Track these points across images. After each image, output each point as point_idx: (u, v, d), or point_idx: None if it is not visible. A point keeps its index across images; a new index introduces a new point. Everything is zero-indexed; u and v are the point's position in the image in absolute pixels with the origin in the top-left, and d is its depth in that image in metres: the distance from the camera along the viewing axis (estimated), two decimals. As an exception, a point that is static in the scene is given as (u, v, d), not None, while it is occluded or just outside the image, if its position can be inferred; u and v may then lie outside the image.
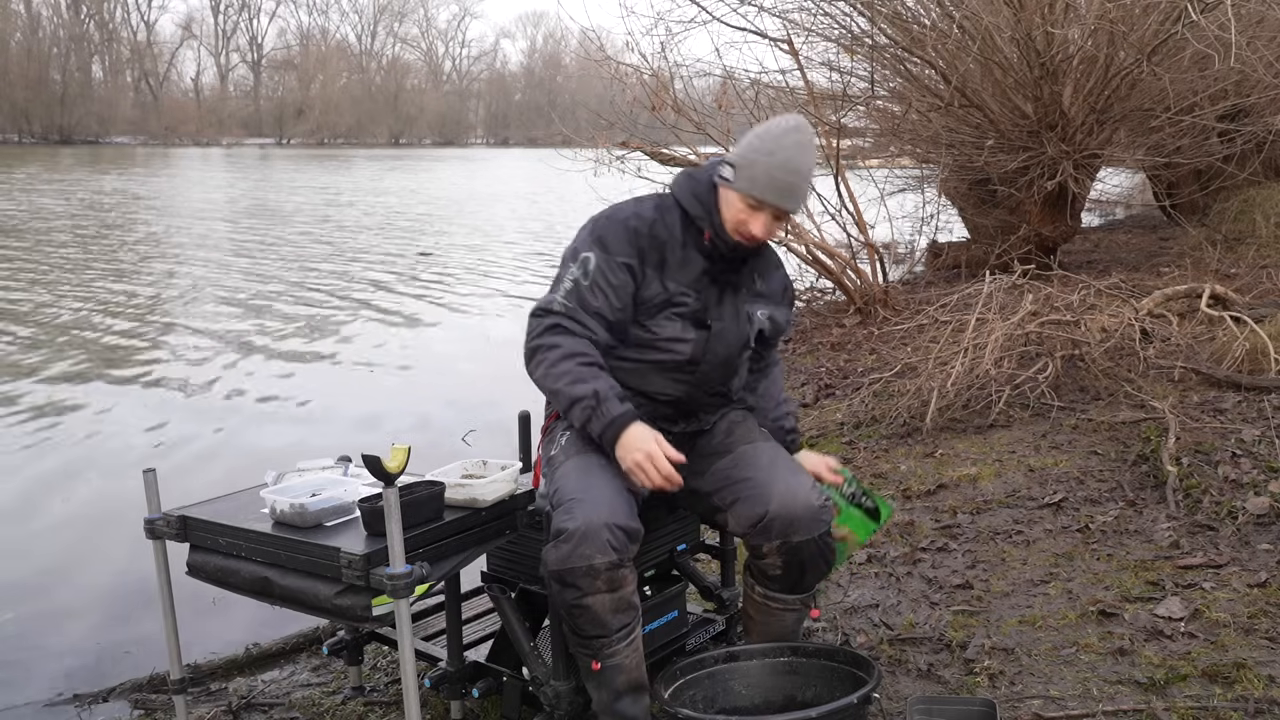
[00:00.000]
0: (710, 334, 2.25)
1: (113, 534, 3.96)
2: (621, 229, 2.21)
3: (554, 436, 2.27)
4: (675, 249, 2.22)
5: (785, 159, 2.14)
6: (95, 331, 8.04)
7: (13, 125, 62.08)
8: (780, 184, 2.14)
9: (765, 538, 2.13)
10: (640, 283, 2.19)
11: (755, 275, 2.35)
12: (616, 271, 2.17)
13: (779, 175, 2.13)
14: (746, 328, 2.31)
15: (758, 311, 2.33)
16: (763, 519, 2.11)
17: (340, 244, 14.57)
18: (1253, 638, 2.54)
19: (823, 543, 2.14)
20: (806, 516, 2.10)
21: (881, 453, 4.30)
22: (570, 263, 2.20)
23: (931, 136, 8.01)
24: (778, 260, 2.45)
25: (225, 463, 4.87)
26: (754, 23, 7.88)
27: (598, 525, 1.96)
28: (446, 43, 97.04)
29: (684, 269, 2.22)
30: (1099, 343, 4.72)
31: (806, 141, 2.19)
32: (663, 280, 2.20)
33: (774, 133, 2.17)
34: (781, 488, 2.12)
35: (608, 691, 2.09)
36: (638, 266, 2.19)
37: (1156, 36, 6.36)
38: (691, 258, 2.23)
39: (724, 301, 2.27)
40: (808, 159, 2.19)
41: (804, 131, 2.19)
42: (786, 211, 2.21)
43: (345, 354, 7.44)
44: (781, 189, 2.14)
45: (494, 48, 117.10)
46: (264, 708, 2.70)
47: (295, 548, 1.95)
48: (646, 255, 2.20)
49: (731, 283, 2.29)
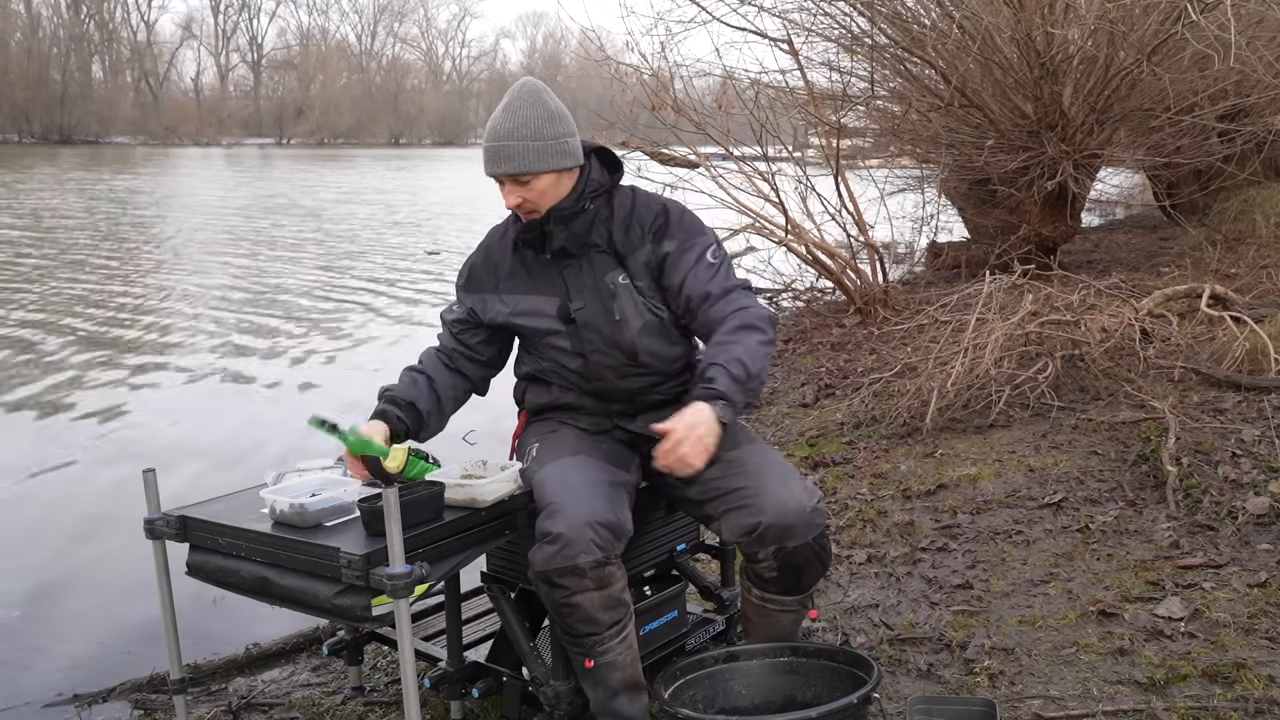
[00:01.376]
0: (579, 326, 2.24)
1: (112, 534, 3.95)
2: (465, 271, 2.39)
3: (523, 451, 2.31)
4: (505, 261, 2.32)
5: (489, 129, 2.18)
6: (98, 328, 8.04)
7: (13, 125, 62.11)
8: (487, 152, 2.16)
9: (760, 545, 2.11)
10: (481, 310, 2.33)
11: (609, 234, 2.24)
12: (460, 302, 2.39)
13: (487, 146, 2.17)
14: (610, 303, 2.22)
15: (619, 278, 2.22)
16: (756, 529, 2.09)
17: (349, 241, 14.59)
18: (1253, 638, 2.54)
19: (818, 545, 2.13)
20: (800, 522, 2.08)
21: (881, 453, 4.30)
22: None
23: (931, 136, 8.01)
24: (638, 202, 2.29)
25: (225, 462, 4.87)
26: (754, 23, 7.86)
27: (580, 525, 1.97)
28: (446, 43, 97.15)
29: (513, 277, 2.30)
30: (1099, 343, 4.72)
31: (508, 105, 2.16)
32: (499, 294, 2.31)
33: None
34: (772, 496, 2.09)
35: (604, 690, 2.09)
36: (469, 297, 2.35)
37: (1156, 36, 6.35)
38: (517, 260, 2.30)
39: (581, 285, 2.24)
40: (507, 119, 2.14)
41: (508, 97, 2.19)
42: (509, 175, 2.15)
43: (351, 354, 7.46)
44: (490, 155, 2.16)
45: (494, 48, 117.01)
46: (264, 708, 2.70)
47: (295, 548, 1.95)
48: (484, 282, 2.34)
49: (572, 258, 2.24)
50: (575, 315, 2.23)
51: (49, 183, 27.14)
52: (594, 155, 2.26)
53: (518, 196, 2.17)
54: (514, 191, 2.17)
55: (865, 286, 7.14)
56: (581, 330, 2.23)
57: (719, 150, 7.57)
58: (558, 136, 2.16)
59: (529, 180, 2.16)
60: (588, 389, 2.29)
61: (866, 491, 3.87)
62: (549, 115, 2.16)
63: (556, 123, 2.16)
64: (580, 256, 2.24)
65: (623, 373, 2.25)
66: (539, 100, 2.16)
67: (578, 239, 2.22)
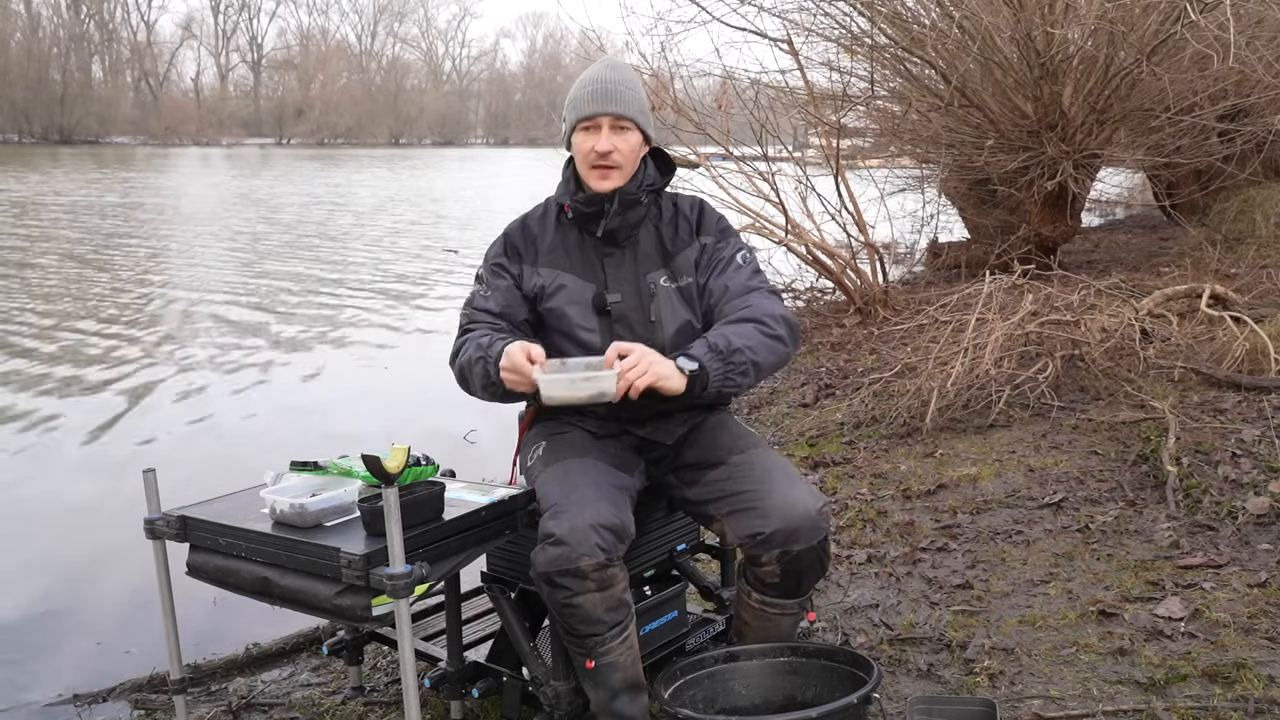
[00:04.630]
0: (612, 319, 2.22)
1: (112, 534, 3.95)
2: (501, 241, 2.35)
3: (529, 449, 2.30)
4: (546, 236, 2.30)
5: (589, 76, 2.24)
6: (100, 327, 8.04)
7: (13, 125, 62.16)
8: (593, 93, 2.19)
9: (765, 548, 2.10)
10: (520, 279, 2.28)
11: (658, 233, 2.28)
12: (498, 273, 2.30)
13: (589, 88, 2.21)
14: (649, 303, 2.23)
15: (660, 279, 2.24)
16: (762, 532, 2.08)
17: (361, 240, 14.60)
18: (1253, 638, 2.54)
19: (821, 549, 2.12)
20: (806, 526, 2.07)
21: (881, 453, 4.30)
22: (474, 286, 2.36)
23: (931, 136, 8.01)
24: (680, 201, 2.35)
25: (225, 462, 4.87)
26: (754, 23, 7.85)
27: (583, 528, 1.96)
28: (446, 43, 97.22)
29: (553, 252, 2.27)
30: (1099, 343, 4.72)
31: (609, 62, 2.28)
32: (536, 267, 2.28)
33: (580, 77, 2.28)
34: (779, 500, 2.08)
35: (604, 690, 2.09)
36: (511, 265, 2.30)
37: (1156, 36, 6.35)
38: (559, 237, 2.28)
39: (621, 278, 2.24)
40: (613, 72, 2.23)
41: (607, 60, 2.29)
42: (615, 116, 2.18)
43: (364, 352, 7.50)
44: (597, 95, 2.18)
45: (494, 48, 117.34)
46: (264, 708, 2.70)
47: (295, 548, 1.95)
48: (523, 253, 2.31)
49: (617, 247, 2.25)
50: (611, 307, 2.22)
51: (78, 181, 27.15)
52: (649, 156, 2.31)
53: (610, 144, 2.17)
54: (610, 138, 2.17)
55: (865, 286, 7.14)
56: (615, 325, 2.22)
57: (719, 150, 7.56)
58: (648, 108, 2.26)
59: (629, 129, 2.20)
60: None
61: (866, 491, 3.87)
62: (642, 87, 2.26)
63: (645, 98, 2.26)
64: (625, 247, 2.26)
65: None
66: (634, 72, 2.28)
67: (629, 229, 2.25)
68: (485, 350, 2.14)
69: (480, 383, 2.17)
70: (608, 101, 2.17)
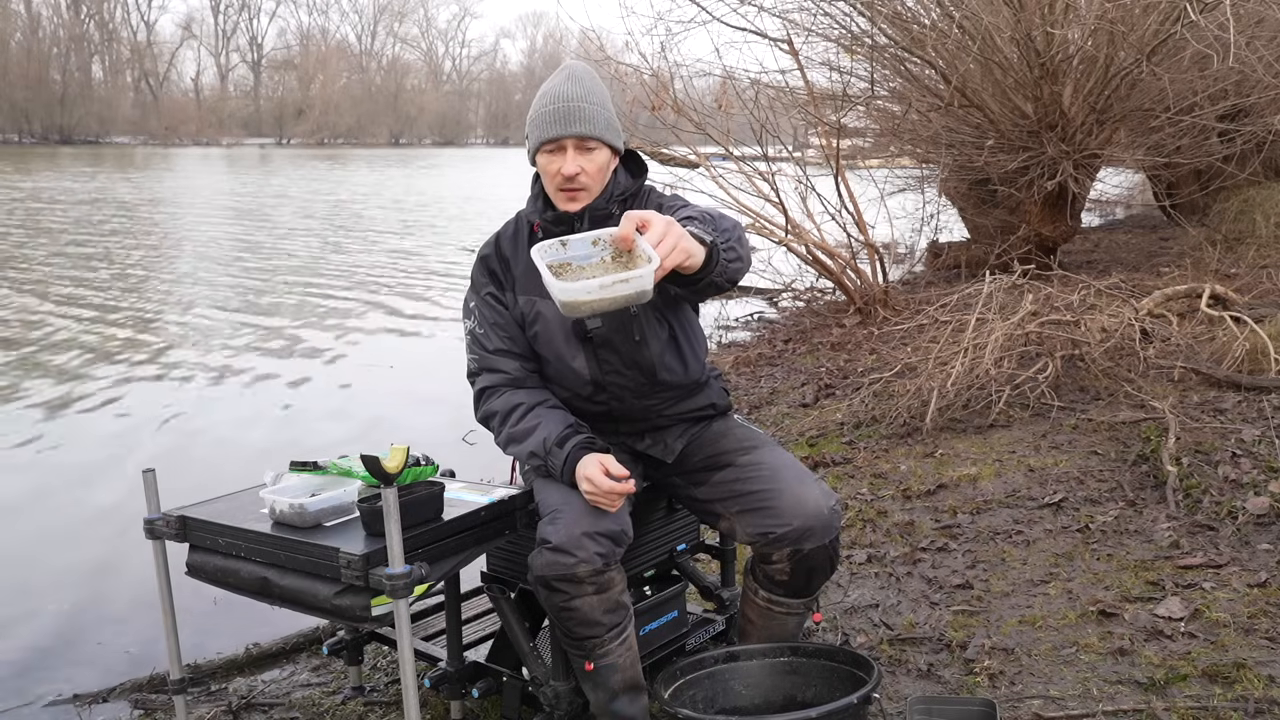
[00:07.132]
0: (594, 346, 2.13)
1: (112, 534, 3.95)
2: (480, 265, 2.24)
3: None
4: (519, 260, 2.19)
5: (550, 92, 2.11)
6: (103, 326, 8.04)
7: (13, 125, 62.20)
8: (555, 113, 2.07)
9: (776, 547, 2.08)
10: (509, 305, 2.21)
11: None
12: (492, 305, 2.20)
13: (550, 106, 2.09)
14: (630, 323, 2.12)
15: None
16: (774, 531, 2.06)
17: (368, 239, 14.59)
18: (1253, 638, 2.53)
19: (832, 548, 2.11)
20: (818, 525, 2.05)
21: (881, 453, 4.30)
22: (465, 318, 2.26)
23: (931, 136, 8.01)
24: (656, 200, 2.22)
25: (225, 462, 4.87)
26: (754, 23, 7.85)
27: (579, 535, 1.96)
28: (446, 43, 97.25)
29: (528, 276, 2.13)
30: (1099, 343, 4.72)
31: (570, 73, 2.14)
32: (515, 294, 2.20)
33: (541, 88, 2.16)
34: (791, 499, 2.06)
35: (604, 692, 2.09)
36: (499, 292, 2.21)
37: (1156, 36, 6.35)
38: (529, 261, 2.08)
39: None
40: (574, 86, 2.10)
41: (568, 70, 2.15)
42: (579, 137, 2.07)
43: (368, 350, 7.50)
44: (559, 116, 2.07)
45: (494, 48, 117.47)
46: (264, 708, 2.70)
47: (294, 548, 1.95)
48: (501, 279, 2.22)
49: None
50: (592, 334, 2.13)
51: (78, 179, 27.15)
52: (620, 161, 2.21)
53: (576, 166, 2.07)
54: (575, 159, 2.07)
55: (865, 286, 7.15)
56: (599, 351, 2.15)
57: (719, 150, 7.57)
58: (614, 118, 2.15)
59: (595, 148, 2.09)
60: (596, 410, 2.22)
61: (866, 491, 3.87)
62: (607, 95, 2.15)
63: (611, 105, 2.15)
64: None
65: (640, 392, 2.21)
66: (597, 79, 2.15)
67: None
68: (544, 454, 2.06)
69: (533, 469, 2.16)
70: (570, 122, 2.06)
